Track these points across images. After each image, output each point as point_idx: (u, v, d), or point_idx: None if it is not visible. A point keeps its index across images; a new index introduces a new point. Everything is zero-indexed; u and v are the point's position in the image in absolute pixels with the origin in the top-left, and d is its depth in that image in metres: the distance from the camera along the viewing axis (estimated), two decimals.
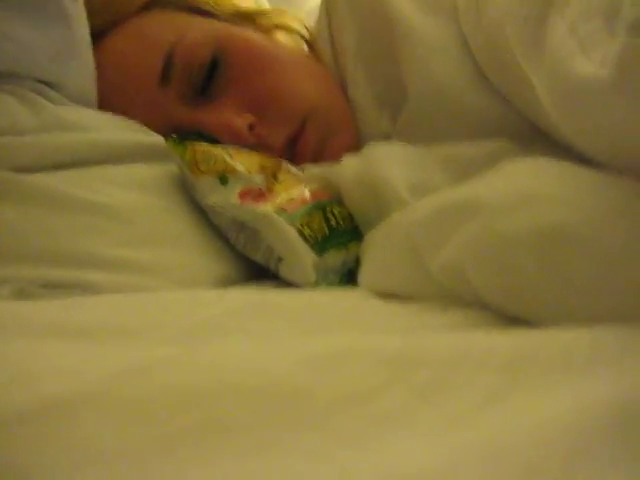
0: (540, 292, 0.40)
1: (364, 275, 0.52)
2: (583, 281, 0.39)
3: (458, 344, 0.27)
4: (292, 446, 0.20)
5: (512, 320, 0.40)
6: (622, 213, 0.39)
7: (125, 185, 0.56)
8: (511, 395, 0.25)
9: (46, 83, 0.61)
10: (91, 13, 0.68)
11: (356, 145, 0.74)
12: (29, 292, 0.46)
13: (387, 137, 0.74)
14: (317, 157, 0.71)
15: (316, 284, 0.54)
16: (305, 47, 0.84)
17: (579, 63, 0.47)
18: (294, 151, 0.70)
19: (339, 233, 0.59)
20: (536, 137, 0.67)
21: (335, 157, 0.69)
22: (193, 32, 0.71)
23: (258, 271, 0.58)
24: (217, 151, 0.59)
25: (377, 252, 0.52)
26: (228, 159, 0.58)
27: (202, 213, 0.59)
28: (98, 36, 0.70)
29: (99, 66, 0.68)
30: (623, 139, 0.43)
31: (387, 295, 0.48)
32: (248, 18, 0.80)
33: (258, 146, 0.67)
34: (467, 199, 0.46)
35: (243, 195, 0.57)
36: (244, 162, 0.59)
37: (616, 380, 0.26)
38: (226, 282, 0.56)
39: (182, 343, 0.27)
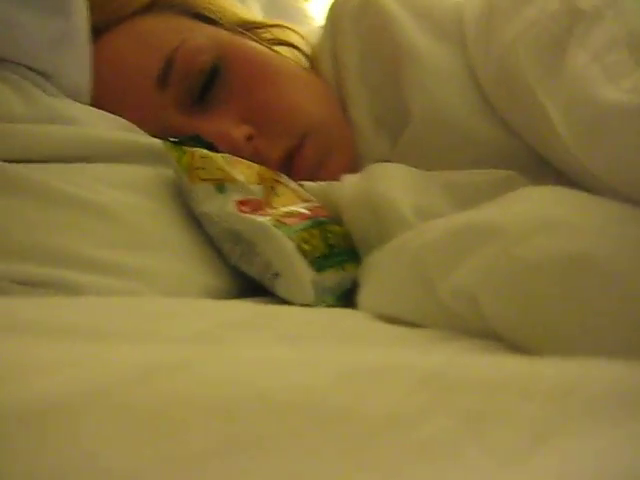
0: (559, 322, 0.38)
1: (365, 297, 0.49)
2: (606, 313, 0.37)
3: (499, 367, 0.25)
4: (333, 473, 0.17)
5: (523, 352, 0.38)
6: None
7: (117, 184, 0.53)
8: (560, 433, 0.22)
9: (40, 73, 0.58)
10: (92, 8, 0.65)
11: (353, 166, 0.72)
12: (6, 289, 0.42)
13: (385, 160, 0.72)
14: (314, 175, 0.68)
15: (313, 303, 0.51)
16: (306, 64, 0.82)
17: (606, 90, 0.46)
18: (291, 166, 0.68)
19: (337, 252, 0.56)
20: (541, 169, 0.66)
21: (332, 176, 0.67)
22: (196, 37, 0.69)
23: (250, 286, 0.55)
24: (216, 158, 0.56)
25: (381, 274, 0.49)
26: (227, 167, 0.55)
27: (196, 221, 0.56)
28: (97, 33, 0.67)
29: (96, 62, 0.65)
30: None
31: (390, 319, 0.45)
32: (251, 30, 0.78)
33: (254, 158, 0.64)
34: (483, 222, 0.43)
35: (241, 205, 0.54)
36: (243, 172, 0.56)
37: None
38: (216, 295, 0.52)
39: (185, 349, 0.24)
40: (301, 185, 0.62)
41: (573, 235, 0.40)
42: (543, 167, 0.66)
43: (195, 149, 0.56)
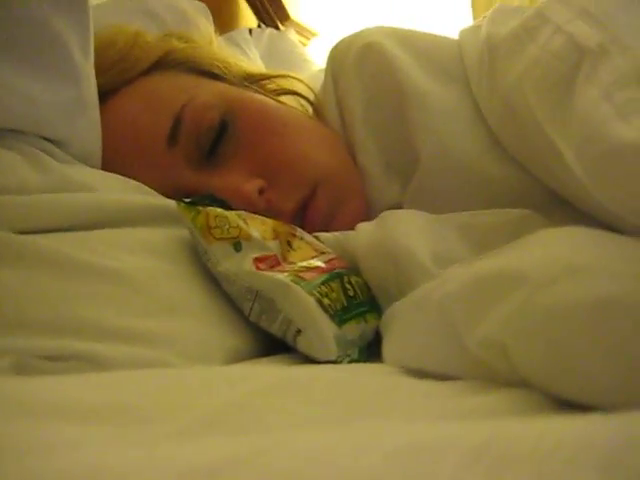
0: (592, 369, 0.37)
1: (390, 351, 0.49)
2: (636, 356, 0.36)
3: (544, 434, 0.24)
4: None
5: (561, 403, 0.37)
6: None
7: (133, 249, 0.53)
8: None
9: (52, 141, 0.58)
10: (98, 72, 0.66)
11: (365, 213, 0.72)
12: (30, 365, 0.42)
13: (396, 205, 0.72)
14: (327, 224, 0.68)
15: (337, 359, 0.50)
16: (312, 112, 0.82)
17: (618, 128, 0.46)
18: (304, 218, 0.68)
19: (357, 304, 0.55)
20: (555, 205, 0.65)
21: (345, 225, 0.67)
22: (202, 94, 0.70)
23: (271, 344, 0.54)
24: (231, 216, 0.56)
25: (404, 326, 0.49)
26: (242, 225, 0.55)
27: (214, 281, 0.55)
28: (104, 96, 0.68)
29: (104, 125, 0.66)
30: None
31: (416, 373, 0.45)
32: (256, 82, 0.79)
33: (268, 211, 0.64)
34: (505, 270, 0.43)
35: (258, 262, 0.53)
36: (258, 228, 0.56)
37: None
38: (239, 356, 0.52)
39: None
40: (316, 237, 0.62)
41: (596, 279, 0.39)
42: (556, 202, 0.65)
43: (209, 208, 0.56)
